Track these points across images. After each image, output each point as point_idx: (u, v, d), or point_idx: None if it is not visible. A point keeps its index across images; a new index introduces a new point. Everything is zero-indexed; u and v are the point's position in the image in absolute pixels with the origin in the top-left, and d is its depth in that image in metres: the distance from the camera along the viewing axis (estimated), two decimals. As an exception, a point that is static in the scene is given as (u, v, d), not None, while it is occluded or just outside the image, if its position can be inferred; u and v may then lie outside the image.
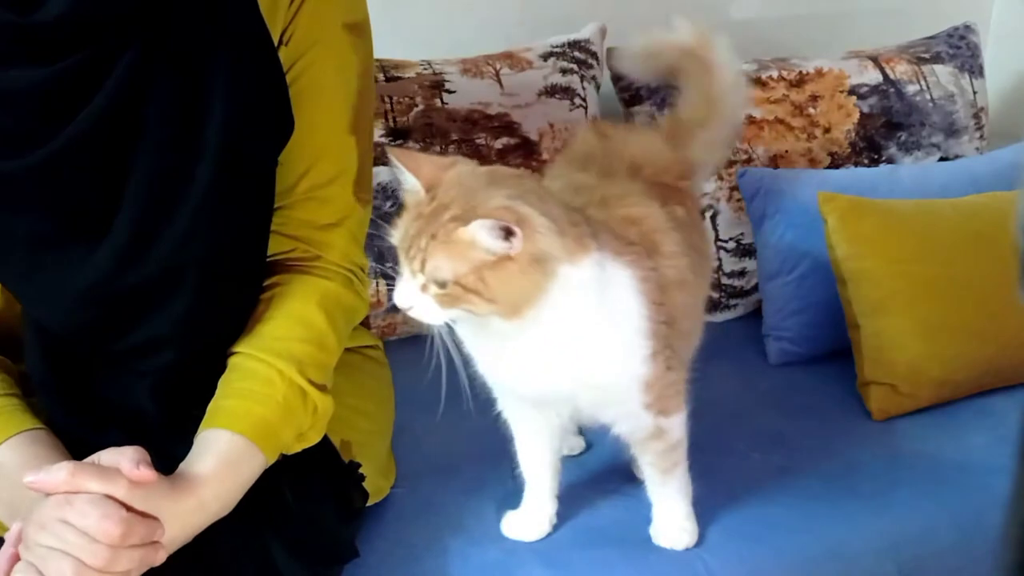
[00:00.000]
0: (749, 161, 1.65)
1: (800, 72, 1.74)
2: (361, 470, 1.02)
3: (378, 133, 1.51)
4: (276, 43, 0.91)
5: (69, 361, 0.91)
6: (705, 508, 1.13)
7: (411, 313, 0.88)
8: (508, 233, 0.83)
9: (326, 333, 0.95)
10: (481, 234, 0.83)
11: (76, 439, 0.89)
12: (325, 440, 1.00)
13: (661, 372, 0.98)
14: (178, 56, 0.85)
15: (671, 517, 1.08)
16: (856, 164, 1.71)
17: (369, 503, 1.06)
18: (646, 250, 0.97)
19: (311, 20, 0.93)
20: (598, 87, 1.70)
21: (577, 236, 0.89)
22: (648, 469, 1.06)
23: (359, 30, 1.00)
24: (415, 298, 0.87)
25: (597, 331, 0.92)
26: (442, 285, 0.85)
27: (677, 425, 1.03)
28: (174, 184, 0.85)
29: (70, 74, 0.81)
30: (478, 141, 1.57)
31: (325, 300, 0.96)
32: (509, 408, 1.07)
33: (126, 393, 0.91)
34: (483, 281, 0.85)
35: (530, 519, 1.10)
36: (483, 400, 1.15)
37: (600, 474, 1.20)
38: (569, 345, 0.91)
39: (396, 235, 0.89)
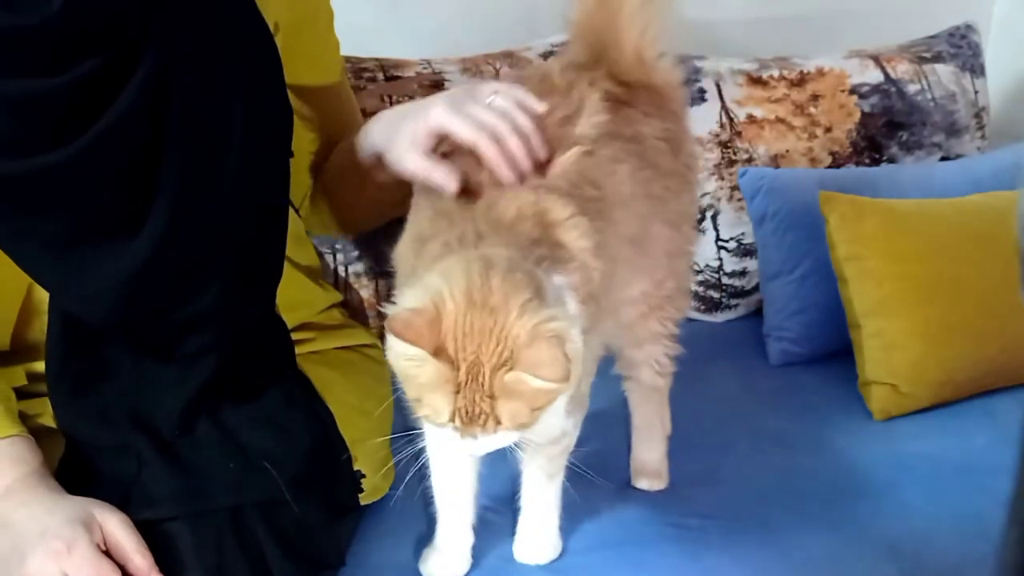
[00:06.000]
0: (750, 161, 1.65)
1: (801, 71, 1.73)
2: (359, 469, 1.01)
3: (378, 132, 1.51)
4: (273, 30, 0.94)
5: (93, 359, 0.90)
6: (705, 508, 1.13)
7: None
8: None
9: None
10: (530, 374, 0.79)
11: (83, 441, 0.89)
12: (329, 442, 0.99)
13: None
14: (194, 51, 0.85)
15: (540, 529, 1.05)
16: (857, 163, 1.71)
17: (368, 502, 1.06)
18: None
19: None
20: (598, 86, 1.69)
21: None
22: (535, 474, 1.02)
23: None
24: (504, 438, 0.84)
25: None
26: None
27: (575, 426, 1.00)
28: (204, 175, 0.87)
29: (88, 79, 0.80)
30: (478, 140, 1.56)
31: None
32: (432, 445, 0.99)
33: (149, 393, 0.91)
34: (545, 395, 0.81)
35: (449, 556, 1.04)
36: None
37: (599, 474, 1.20)
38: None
39: (436, 416, 0.81)
